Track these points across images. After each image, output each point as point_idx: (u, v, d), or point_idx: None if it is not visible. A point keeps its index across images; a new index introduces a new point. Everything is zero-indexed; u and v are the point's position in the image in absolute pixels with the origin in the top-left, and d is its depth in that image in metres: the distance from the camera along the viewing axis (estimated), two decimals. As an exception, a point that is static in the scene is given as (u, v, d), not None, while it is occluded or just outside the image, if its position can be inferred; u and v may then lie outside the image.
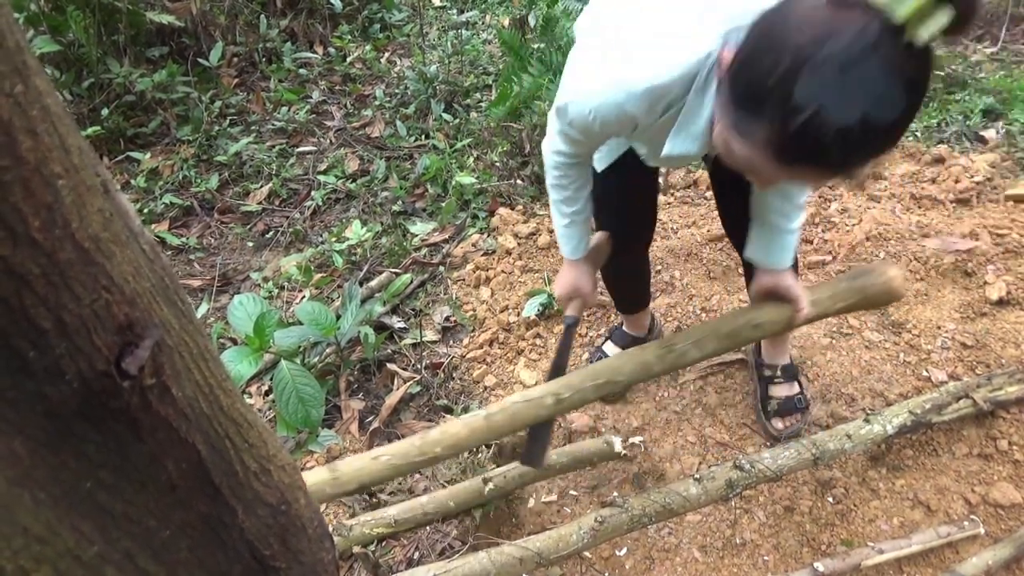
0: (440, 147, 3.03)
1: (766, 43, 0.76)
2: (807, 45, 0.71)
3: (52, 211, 0.41)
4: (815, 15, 0.73)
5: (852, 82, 0.70)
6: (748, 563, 1.63)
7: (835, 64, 0.70)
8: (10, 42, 0.38)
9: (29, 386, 0.44)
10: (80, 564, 0.53)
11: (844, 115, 0.72)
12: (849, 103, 0.71)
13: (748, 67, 0.79)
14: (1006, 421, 1.74)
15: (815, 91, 0.71)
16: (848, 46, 0.69)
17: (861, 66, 0.69)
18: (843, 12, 0.71)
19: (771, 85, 0.74)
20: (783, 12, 0.77)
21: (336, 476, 1.21)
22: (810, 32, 0.72)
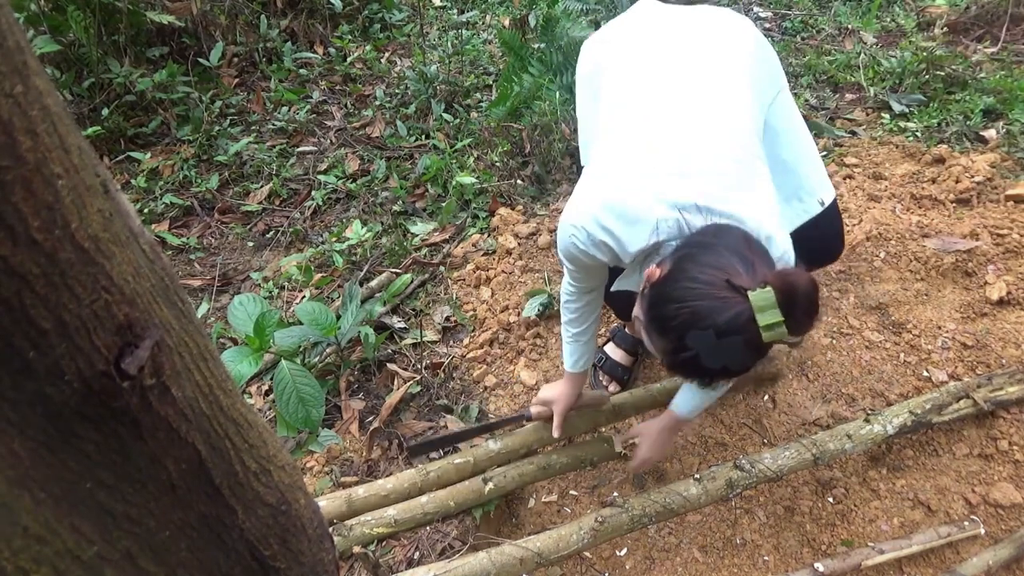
0: (440, 147, 3.03)
1: (678, 293, 1.02)
2: (701, 311, 0.99)
3: (52, 211, 0.41)
4: (712, 290, 0.99)
5: (722, 346, 0.99)
6: (748, 563, 1.63)
7: (714, 331, 0.98)
8: (10, 42, 0.38)
9: (29, 386, 0.44)
10: (80, 564, 0.53)
11: (712, 362, 1.02)
12: (716, 357, 1.01)
13: (662, 303, 1.05)
14: (1006, 421, 1.74)
15: (696, 343, 1.00)
16: (726, 323, 0.97)
17: (729, 338, 0.98)
18: (731, 294, 0.98)
19: (673, 325, 1.02)
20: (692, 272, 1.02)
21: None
22: (706, 301, 0.99)
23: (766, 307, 0.95)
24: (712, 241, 1.07)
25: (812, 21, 3.65)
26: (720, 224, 1.11)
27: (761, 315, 0.95)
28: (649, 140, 1.23)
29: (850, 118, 2.92)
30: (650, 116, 1.26)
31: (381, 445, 1.95)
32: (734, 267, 1.00)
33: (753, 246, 1.06)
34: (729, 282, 0.98)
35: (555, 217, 2.60)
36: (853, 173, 2.56)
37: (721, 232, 1.09)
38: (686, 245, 1.10)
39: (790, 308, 0.94)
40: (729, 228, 1.10)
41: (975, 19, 3.35)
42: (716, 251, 1.04)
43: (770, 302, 0.94)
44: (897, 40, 3.37)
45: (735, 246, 1.04)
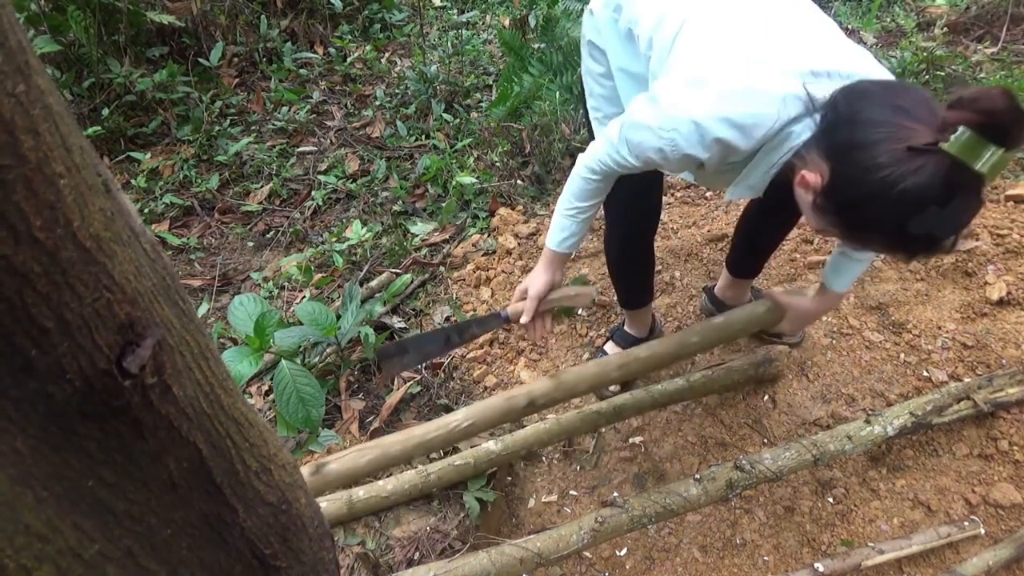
0: (440, 147, 3.04)
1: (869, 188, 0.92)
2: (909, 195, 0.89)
3: (54, 210, 0.41)
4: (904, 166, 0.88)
5: (949, 212, 0.90)
6: (748, 563, 1.63)
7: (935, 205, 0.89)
8: (12, 42, 0.38)
9: (31, 385, 0.44)
10: (81, 562, 0.53)
11: (947, 230, 0.93)
12: (948, 224, 0.92)
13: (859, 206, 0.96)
14: (1006, 421, 1.74)
15: (923, 225, 0.91)
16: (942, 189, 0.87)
17: (954, 201, 0.88)
18: (923, 159, 0.87)
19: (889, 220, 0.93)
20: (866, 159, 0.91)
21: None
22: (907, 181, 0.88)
23: (974, 150, 0.83)
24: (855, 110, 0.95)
25: (812, 21, 3.66)
26: (848, 87, 1.00)
27: (975, 161, 0.84)
28: (728, 22, 1.12)
29: (850, 118, 2.92)
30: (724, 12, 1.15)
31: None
32: (901, 126, 0.89)
33: (894, 89, 0.95)
34: (911, 148, 0.87)
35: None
36: (853, 173, 2.56)
37: (855, 94, 0.98)
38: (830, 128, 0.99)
39: (1001, 133, 0.82)
40: (860, 86, 0.99)
41: (975, 19, 3.35)
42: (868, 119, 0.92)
43: (974, 143, 0.83)
44: (897, 40, 3.37)
45: (881, 101, 0.93)
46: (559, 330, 2.21)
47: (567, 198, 1.41)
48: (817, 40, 1.12)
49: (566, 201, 1.42)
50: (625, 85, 1.44)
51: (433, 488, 1.61)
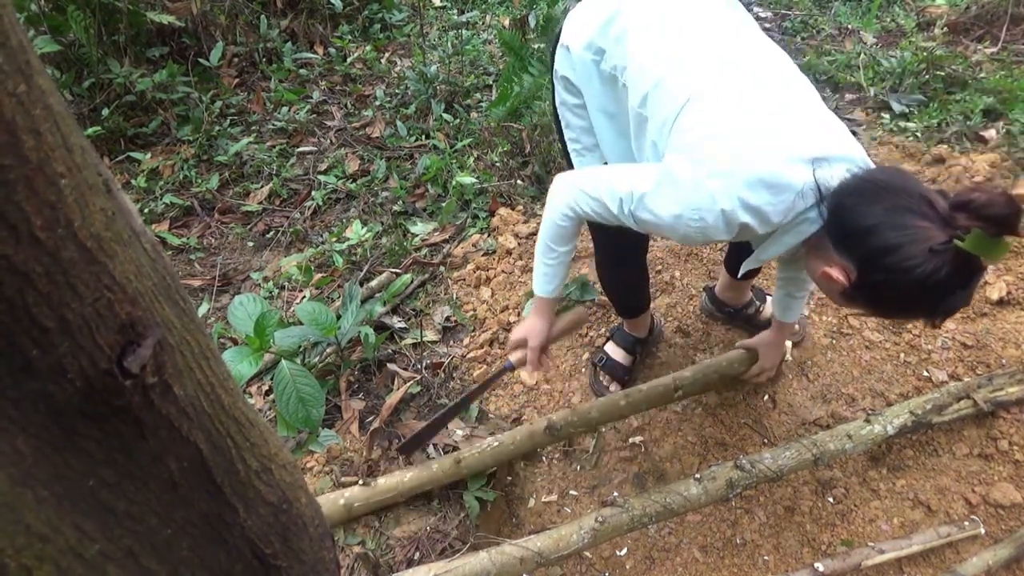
0: (440, 147, 3.04)
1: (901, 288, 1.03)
2: (939, 285, 1.00)
3: (55, 210, 0.41)
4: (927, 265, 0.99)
5: (967, 291, 1.02)
6: (748, 563, 1.63)
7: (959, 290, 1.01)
8: (13, 42, 0.38)
9: (32, 384, 0.44)
10: (82, 562, 0.53)
11: (968, 300, 1.05)
12: (970, 296, 1.04)
13: (892, 300, 1.07)
14: (1006, 421, 1.74)
15: (952, 305, 1.04)
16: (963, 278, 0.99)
17: (972, 282, 1.01)
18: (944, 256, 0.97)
19: (922, 307, 1.06)
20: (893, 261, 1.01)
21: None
22: (935, 278, 0.99)
23: (986, 247, 0.94)
24: (868, 212, 1.04)
25: (812, 21, 3.66)
26: (849, 180, 1.09)
27: (987, 254, 0.95)
28: (735, 101, 1.16)
29: (850, 118, 2.92)
30: (715, 76, 1.19)
31: (381, 445, 1.95)
32: (918, 228, 1.00)
33: (895, 186, 1.04)
34: (932, 250, 0.98)
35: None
36: (853, 173, 2.56)
37: (864, 195, 1.06)
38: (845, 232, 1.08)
39: (1004, 230, 0.94)
40: (864, 185, 1.07)
41: (975, 19, 3.35)
42: (886, 223, 1.02)
43: (986, 242, 0.94)
44: (897, 40, 3.37)
45: (892, 203, 1.03)
46: (559, 330, 2.21)
47: (548, 245, 1.42)
48: (811, 120, 1.17)
49: (547, 248, 1.42)
50: (603, 125, 1.46)
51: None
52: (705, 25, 1.27)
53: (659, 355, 2.08)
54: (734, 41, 1.26)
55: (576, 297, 2.23)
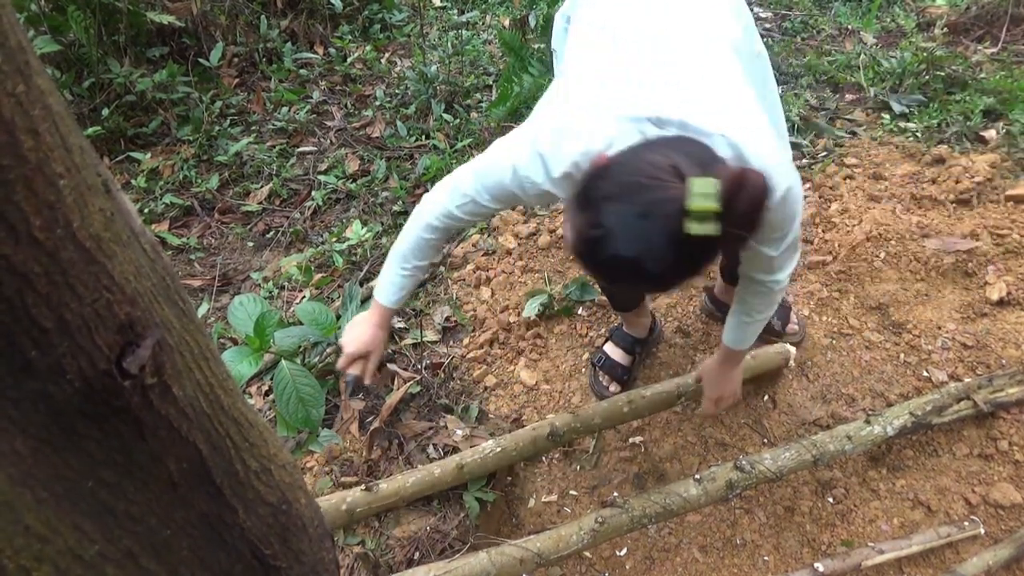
0: (440, 147, 3.03)
1: (614, 168, 0.92)
2: (631, 185, 0.88)
3: (54, 210, 0.41)
4: (653, 167, 0.88)
5: (640, 228, 0.87)
6: (748, 563, 1.63)
7: (638, 209, 0.87)
8: (12, 42, 0.38)
9: (31, 385, 0.44)
10: (81, 563, 0.53)
11: (623, 247, 0.89)
12: (630, 241, 0.88)
13: (594, 177, 0.95)
14: (1006, 422, 1.74)
15: (614, 218, 0.88)
16: (653, 203, 0.86)
17: (653, 222, 0.86)
18: (671, 178, 0.87)
19: (595, 196, 0.92)
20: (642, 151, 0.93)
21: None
22: (640, 176, 0.88)
23: (703, 192, 0.83)
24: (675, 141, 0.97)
25: (812, 21, 3.66)
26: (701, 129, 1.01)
27: (694, 198, 0.83)
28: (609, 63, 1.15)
29: (850, 118, 2.92)
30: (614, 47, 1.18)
31: (381, 445, 1.95)
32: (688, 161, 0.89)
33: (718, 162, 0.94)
34: (675, 167, 0.88)
35: (555, 217, 2.60)
36: (853, 173, 2.56)
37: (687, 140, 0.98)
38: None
39: (730, 200, 0.83)
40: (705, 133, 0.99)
41: (975, 19, 3.35)
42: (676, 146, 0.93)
43: (710, 189, 0.83)
44: (897, 40, 3.37)
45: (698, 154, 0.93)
46: (559, 330, 2.21)
47: (404, 256, 1.38)
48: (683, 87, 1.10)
49: (402, 259, 1.38)
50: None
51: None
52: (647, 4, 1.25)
53: (659, 355, 2.08)
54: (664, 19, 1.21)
55: (576, 297, 2.23)
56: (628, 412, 1.65)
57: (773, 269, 1.29)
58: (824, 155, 2.70)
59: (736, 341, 1.48)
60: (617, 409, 1.65)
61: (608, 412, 1.65)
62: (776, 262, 1.26)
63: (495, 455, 1.56)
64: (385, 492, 1.51)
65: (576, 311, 2.25)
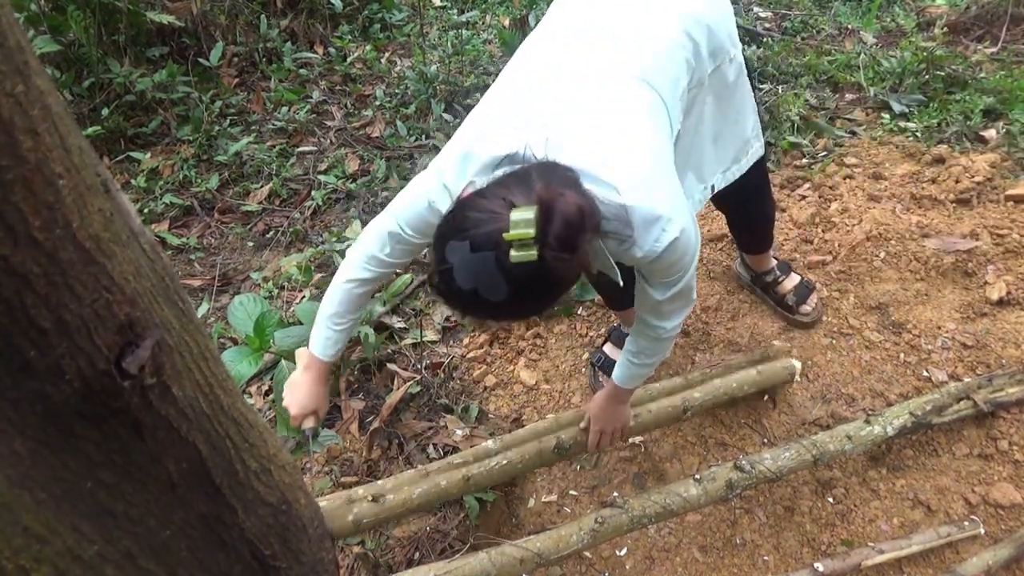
0: (440, 147, 3.03)
1: (462, 204, 0.96)
2: (469, 220, 0.92)
3: (53, 210, 0.41)
4: (491, 203, 0.92)
5: (474, 261, 0.90)
6: (748, 563, 1.63)
7: (471, 244, 0.90)
8: (11, 42, 0.38)
9: (30, 386, 0.44)
10: (80, 563, 0.53)
11: (462, 280, 0.92)
12: (467, 274, 0.91)
13: (447, 216, 0.99)
14: (1006, 421, 1.74)
15: (453, 255, 0.92)
16: (483, 236, 0.89)
17: (482, 254, 0.89)
18: (503, 210, 0.89)
19: (440, 235, 0.96)
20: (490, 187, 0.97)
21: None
22: (477, 212, 0.92)
23: (520, 222, 0.86)
24: (529, 171, 0.98)
25: (812, 21, 3.65)
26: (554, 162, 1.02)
27: (514, 228, 0.85)
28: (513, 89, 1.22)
29: (850, 118, 2.92)
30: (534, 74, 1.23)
31: (381, 445, 1.95)
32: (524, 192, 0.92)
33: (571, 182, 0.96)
34: (510, 200, 0.90)
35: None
36: (853, 173, 2.56)
37: (546, 167, 1.00)
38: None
39: (544, 226, 0.85)
40: (557, 166, 1.00)
41: (975, 19, 3.35)
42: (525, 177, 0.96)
43: (527, 218, 0.85)
44: (897, 40, 3.37)
45: (549, 176, 0.96)
46: (559, 330, 2.21)
47: (336, 313, 1.39)
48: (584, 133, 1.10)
49: (335, 317, 1.39)
50: None
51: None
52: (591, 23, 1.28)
53: (659, 355, 2.08)
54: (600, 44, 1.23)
55: (576, 297, 2.23)
56: (634, 427, 1.67)
57: (661, 314, 1.29)
58: (824, 155, 2.70)
59: (623, 379, 1.48)
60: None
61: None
62: (663, 307, 1.26)
63: (500, 467, 1.58)
64: (392, 503, 1.52)
65: (576, 311, 2.25)
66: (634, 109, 1.15)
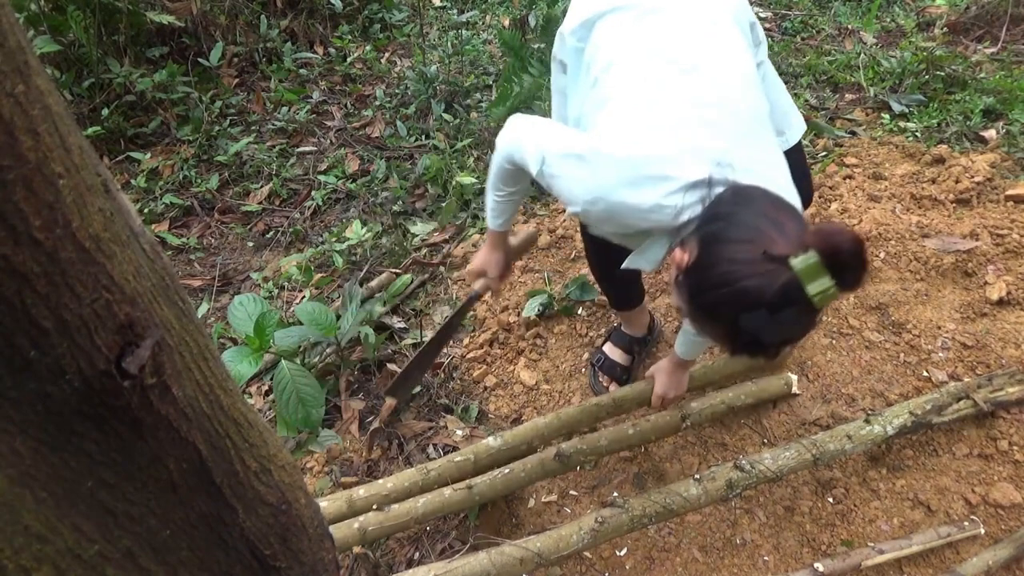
0: (440, 147, 3.03)
1: (717, 278, 0.99)
2: (747, 291, 0.95)
3: (53, 210, 0.41)
4: (752, 267, 0.96)
5: (777, 321, 0.96)
6: (748, 563, 1.63)
7: (767, 309, 0.95)
8: (11, 42, 0.38)
9: (31, 385, 0.44)
10: (81, 563, 0.53)
11: (771, 338, 1.00)
12: (774, 332, 0.98)
13: (704, 291, 1.02)
14: (1006, 421, 1.74)
15: (751, 324, 0.97)
16: (776, 297, 0.94)
17: (783, 312, 0.95)
18: (772, 266, 0.94)
19: (723, 312, 1.00)
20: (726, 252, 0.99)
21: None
22: (750, 281, 0.95)
23: (813, 274, 0.91)
24: (735, 210, 1.03)
25: (812, 21, 3.66)
26: (739, 187, 1.07)
27: (809, 284, 0.91)
28: (653, 97, 1.18)
29: (850, 118, 2.92)
30: (652, 73, 1.21)
31: (381, 445, 1.95)
32: (767, 235, 0.97)
33: (779, 205, 1.02)
34: (767, 253, 0.94)
35: (555, 217, 2.60)
36: (853, 173, 2.56)
37: (742, 197, 1.05)
38: (710, 219, 1.05)
39: (838, 269, 0.91)
40: (749, 190, 1.06)
41: (975, 19, 3.35)
42: (742, 221, 1.00)
43: (815, 268, 0.91)
44: (897, 40, 3.37)
45: (761, 210, 1.01)
46: (559, 330, 2.21)
47: (496, 184, 1.44)
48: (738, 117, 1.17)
49: (496, 187, 1.45)
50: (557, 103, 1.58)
51: (434, 486, 1.61)
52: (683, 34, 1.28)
53: (659, 355, 2.08)
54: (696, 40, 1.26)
55: (576, 297, 2.23)
56: (633, 435, 1.69)
57: None
58: (824, 155, 2.70)
59: (685, 353, 1.63)
60: (623, 432, 1.69)
61: (614, 436, 1.69)
62: None
63: (503, 477, 1.60)
64: (397, 512, 1.53)
65: (576, 311, 2.25)
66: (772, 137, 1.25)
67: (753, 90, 1.24)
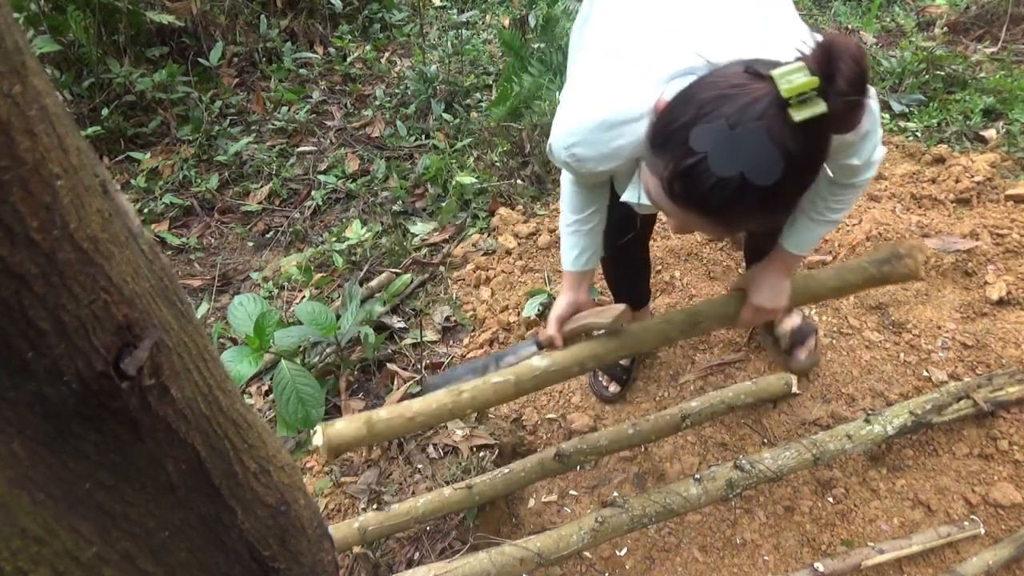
0: (440, 147, 3.03)
1: (684, 95, 0.85)
2: (710, 101, 0.80)
3: (51, 211, 0.41)
4: (727, 79, 0.81)
5: (737, 140, 0.77)
6: (748, 563, 1.63)
7: (727, 122, 0.78)
8: (9, 42, 0.38)
9: (28, 387, 0.44)
10: (78, 565, 0.53)
11: (724, 167, 0.79)
12: (730, 158, 0.78)
13: (665, 114, 0.87)
14: (1006, 421, 1.74)
15: (705, 141, 0.79)
16: (740, 109, 0.77)
17: (747, 128, 0.77)
18: (750, 80, 0.79)
19: (674, 128, 0.83)
20: (710, 74, 0.86)
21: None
22: (716, 91, 0.81)
23: (794, 71, 0.74)
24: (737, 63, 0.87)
25: (812, 21, 3.65)
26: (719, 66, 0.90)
27: (784, 81, 0.74)
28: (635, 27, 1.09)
29: (850, 118, 2.91)
30: (640, 14, 1.12)
31: (381, 445, 1.95)
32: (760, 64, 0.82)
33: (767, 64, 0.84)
34: (750, 69, 0.80)
35: (555, 217, 2.60)
36: (853, 173, 2.56)
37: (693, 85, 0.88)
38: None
39: (829, 70, 0.73)
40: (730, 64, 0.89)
41: (975, 19, 3.35)
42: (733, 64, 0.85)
43: (799, 67, 0.74)
44: (897, 40, 3.37)
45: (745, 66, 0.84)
46: (559, 330, 2.21)
47: (564, 212, 1.41)
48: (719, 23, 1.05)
49: (564, 216, 1.42)
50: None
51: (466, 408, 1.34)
52: None
53: (659, 355, 2.08)
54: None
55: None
56: (634, 435, 1.67)
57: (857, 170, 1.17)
58: (824, 155, 2.69)
59: (798, 245, 1.30)
60: (623, 433, 1.68)
61: (614, 436, 1.67)
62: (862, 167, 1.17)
63: (504, 477, 1.59)
64: (397, 512, 1.53)
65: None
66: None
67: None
